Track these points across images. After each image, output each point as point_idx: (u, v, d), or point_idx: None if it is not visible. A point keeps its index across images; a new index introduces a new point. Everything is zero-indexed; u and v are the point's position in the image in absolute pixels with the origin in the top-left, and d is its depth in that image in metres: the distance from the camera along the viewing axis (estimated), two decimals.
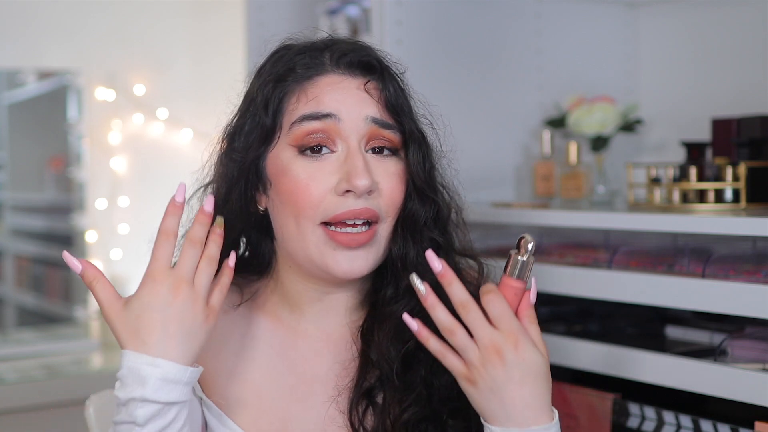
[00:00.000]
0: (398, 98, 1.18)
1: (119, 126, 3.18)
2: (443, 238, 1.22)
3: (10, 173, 3.21)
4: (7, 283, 3.23)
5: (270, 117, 1.17)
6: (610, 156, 2.03)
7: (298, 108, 1.16)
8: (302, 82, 1.17)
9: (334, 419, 1.20)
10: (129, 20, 3.19)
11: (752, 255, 1.47)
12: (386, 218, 1.17)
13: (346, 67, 1.18)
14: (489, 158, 2.04)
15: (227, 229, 1.17)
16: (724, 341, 1.47)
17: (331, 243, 1.14)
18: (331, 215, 1.14)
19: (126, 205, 3.19)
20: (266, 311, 1.26)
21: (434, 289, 1.09)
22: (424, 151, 1.19)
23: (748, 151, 1.66)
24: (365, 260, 1.16)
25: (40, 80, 3.20)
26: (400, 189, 1.17)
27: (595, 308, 1.80)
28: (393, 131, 1.17)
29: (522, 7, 2.07)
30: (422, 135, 1.20)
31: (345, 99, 1.16)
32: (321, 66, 1.18)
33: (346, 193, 1.13)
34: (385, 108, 1.17)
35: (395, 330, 1.17)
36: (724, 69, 2.05)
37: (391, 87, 1.18)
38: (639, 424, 1.52)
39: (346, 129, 1.15)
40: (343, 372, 1.21)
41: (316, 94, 1.16)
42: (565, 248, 1.72)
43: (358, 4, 2.25)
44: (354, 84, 1.17)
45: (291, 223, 1.16)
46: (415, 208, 1.19)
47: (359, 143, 1.15)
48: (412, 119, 1.20)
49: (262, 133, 1.18)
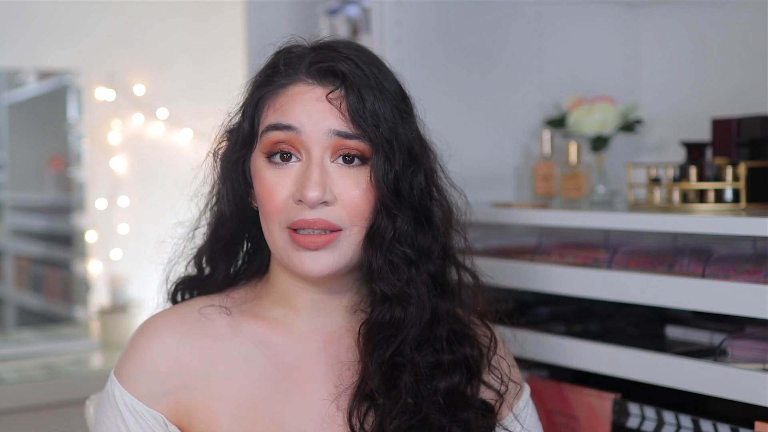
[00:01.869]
0: (362, 108, 1.16)
1: (119, 126, 3.18)
2: (422, 251, 1.21)
3: (10, 173, 3.21)
4: (7, 283, 3.23)
5: (248, 122, 1.22)
6: (610, 156, 2.02)
7: (267, 117, 1.19)
8: (276, 89, 1.20)
9: (332, 418, 1.20)
10: (129, 20, 3.19)
11: (752, 255, 1.47)
12: (351, 227, 1.17)
13: (315, 75, 1.18)
14: (489, 158, 2.04)
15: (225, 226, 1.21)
16: (724, 341, 1.47)
17: (294, 245, 1.17)
18: (291, 221, 1.16)
19: (126, 205, 3.19)
20: (254, 315, 1.26)
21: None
22: (388, 164, 1.17)
23: (748, 151, 1.66)
24: (328, 260, 1.17)
25: (40, 80, 3.20)
26: (365, 199, 1.17)
27: (595, 308, 1.80)
28: (359, 140, 1.16)
29: (522, 7, 2.07)
30: (391, 146, 1.17)
31: (309, 111, 1.16)
32: (294, 74, 1.19)
33: (300, 202, 1.15)
34: (346, 117, 1.16)
35: (374, 344, 1.19)
36: (724, 69, 2.05)
37: (355, 96, 1.16)
38: (639, 424, 1.52)
39: (309, 141, 1.16)
40: (347, 372, 1.22)
41: (283, 103, 1.18)
42: (565, 248, 1.72)
43: (358, 4, 2.25)
44: (319, 94, 1.17)
45: (264, 224, 1.20)
46: (380, 220, 1.18)
47: (323, 154, 1.16)
48: (384, 128, 1.17)
49: (242, 137, 1.22)
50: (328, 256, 1.17)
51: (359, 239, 1.18)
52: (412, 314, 1.19)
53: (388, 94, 1.19)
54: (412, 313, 1.19)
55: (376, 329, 1.19)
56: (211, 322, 1.25)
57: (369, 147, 1.17)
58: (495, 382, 1.26)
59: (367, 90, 1.17)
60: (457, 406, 1.21)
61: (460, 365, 1.23)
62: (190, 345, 1.22)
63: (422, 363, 1.20)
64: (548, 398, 1.68)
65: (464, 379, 1.23)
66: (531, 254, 1.73)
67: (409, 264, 1.20)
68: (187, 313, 1.26)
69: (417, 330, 1.20)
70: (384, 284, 1.19)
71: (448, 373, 1.21)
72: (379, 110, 1.17)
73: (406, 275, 1.19)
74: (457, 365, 1.22)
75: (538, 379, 1.69)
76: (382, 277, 1.19)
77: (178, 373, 1.21)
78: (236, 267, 1.31)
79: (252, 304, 1.27)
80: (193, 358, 1.22)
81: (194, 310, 1.26)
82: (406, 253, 1.19)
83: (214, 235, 1.28)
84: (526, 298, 1.76)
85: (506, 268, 1.70)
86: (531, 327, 1.68)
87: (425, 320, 1.21)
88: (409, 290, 1.19)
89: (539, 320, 1.78)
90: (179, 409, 1.20)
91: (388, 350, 1.18)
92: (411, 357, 1.19)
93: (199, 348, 1.22)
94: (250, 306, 1.27)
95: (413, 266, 1.20)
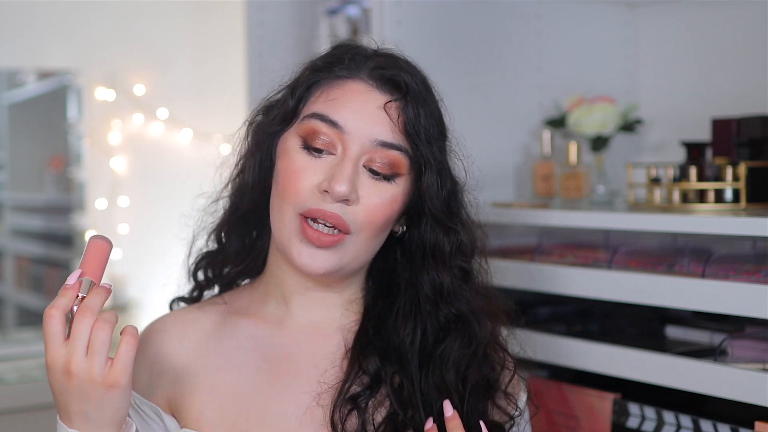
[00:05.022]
0: (418, 124, 1.18)
1: (119, 126, 3.18)
2: (461, 271, 1.23)
3: (10, 173, 3.21)
4: (7, 283, 3.23)
5: (294, 100, 1.21)
6: (610, 156, 2.02)
7: (317, 103, 1.19)
8: (333, 80, 1.20)
9: (313, 413, 1.20)
10: (129, 20, 3.19)
11: (752, 255, 1.47)
12: (358, 233, 1.18)
13: (377, 80, 1.19)
14: (489, 158, 2.04)
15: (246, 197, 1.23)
16: (724, 341, 1.47)
17: (300, 235, 1.17)
18: (307, 208, 1.16)
19: (126, 205, 3.20)
20: (247, 310, 1.28)
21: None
22: (441, 180, 1.20)
23: (748, 151, 1.66)
24: (326, 261, 1.18)
25: (40, 80, 3.20)
26: (384, 210, 1.18)
27: (595, 308, 1.80)
28: (401, 153, 1.18)
29: (522, 7, 2.07)
30: (441, 164, 1.21)
31: (360, 114, 1.17)
32: (357, 72, 1.20)
33: (324, 192, 1.16)
34: (401, 131, 1.18)
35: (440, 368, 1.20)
36: (724, 69, 2.05)
37: (413, 111, 1.18)
38: (639, 424, 1.52)
39: (350, 140, 1.17)
40: (332, 369, 1.22)
41: (337, 96, 1.18)
42: (565, 248, 1.72)
43: (358, 4, 2.25)
44: (377, 99, 1.18)
45: (277, 202, 1.20)
46: (436, 235, 1.21)
47: (360, 156, 1.17)
48: (435, 147, 1.20)
49: (283, 113, 1.22)
50: (327, 257, 1.17)
51: (363, 245, 1.19)
52: (486, 330, 1.22)
53: (436, 115, 1.22)
54: (486, 329, 1.22)
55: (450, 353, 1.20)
56: (206, 319, 1.28)
57: (407, 163, 1.18)
58: (510, 407, 1.26)
59: (423, 107, 1.19)
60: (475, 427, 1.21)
61: (484, 387, 1.23)
62: (185, 343, 1.26)
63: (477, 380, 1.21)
64: (548, 398, 1.68)
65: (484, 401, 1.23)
66: (531, 254, 1.73)
67: (466, 279, 1.22)
68: (186, 314, 1.30)
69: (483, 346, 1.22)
70: (459, 303, 1.21)
71: (481, 396, 1.22)
72: (431, 129, 1.20)
73: (469, 291, 1.22)
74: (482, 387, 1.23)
75: (538, 379, 1.69)
76: (456, 296, 1.21)
77: (173, 369, 1.24)
78: (249, 242, 1.32)
79: (248, 300, 1.29)
80: (186, 354, 1.25)
81: (194, 309, 1.31)
82: (462, 268, 1.22)
83: (233, 204, 1.29)
84: (526, 298, 1.76)
85: (506, 268, 1.70)
86: (531, 327, 1.68)
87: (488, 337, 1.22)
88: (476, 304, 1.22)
89: (539, 320, 1.78)
90: (171, 402, 1.24)
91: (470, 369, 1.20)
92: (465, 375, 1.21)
93: (194, 345, 1.26)
94: (245, 302, 1.29)
95: (468, 282, 1.23)
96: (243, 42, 2.58)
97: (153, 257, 2.75)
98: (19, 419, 2.51)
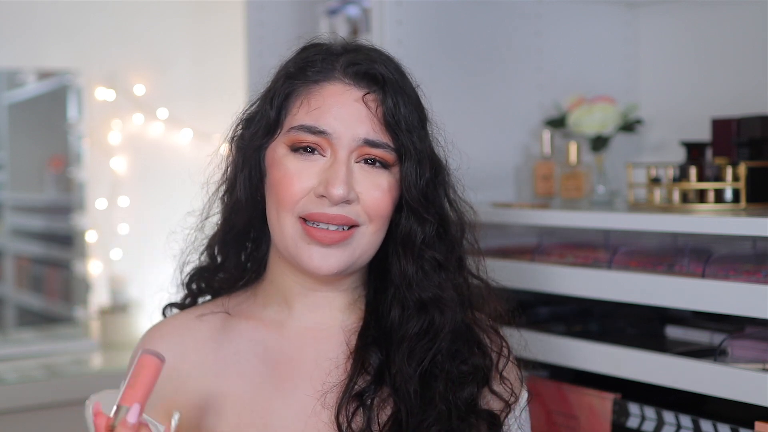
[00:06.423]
0: (397, 114, 1.18)
1: (119, 126, 3.18)
2: (445, 257, 1.23)
3: (10, 173, 3.21)
4: (7, 283, 3.23)
5: (274, 111, 1.21)
6: (610, 156, 2.02)
7: (299, 114, 1.19)
8: (309, 85, 1.20)
9: (318, 415, 1.20)
10: (129, 20, 3.19)
11: (752, 255, 1.47)
12: (367, 223, 1.18)
13: (352, 77, 1.19)
14: (489, 158, 2.04)
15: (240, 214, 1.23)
16: (724, 341, 1.47)
17: (306, 237, 1.17)
18: (307, 212, 1.17)
19: (126, 205, 3.19)
20: (248, 314, 1.28)
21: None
22: (420, 169, 1.20)
23: (748, 151, 1.66)
24: (338, 259, 1.18)
25: (40, 80, 3.20)
26: (384, 201, 1.19)
27: (595, 308, 1.80)
28: (385, 150, 1.18)
29: (522, 7, 2.07)
30: (421, 153, 1.20)
31: (343, 115, 1.17)
32: (331, 72, 1.20)
33: (321, 197, 1.16)
34: (381, 122, 1.18)
35: (410, 351, 1.19)
36: (724, 69, 2.05)
37: (392, 101, 1.18)
38: (639, 424, 1.52)
39: (338, 143, 1.17)
40: (335, 370, 1.22)
41: (319, 105, 1.18)
42: (565, 248, 1.72)
43: (358, 4, 2.25)
44: (355, 95, 1.18)
45: (274, 213, 1.19)
46: (410, 225, 1.21)
47: (349, 155, 1.17)
48: (415, 136, 1.19)
49: (266, 125, 1.21)
50: (339, 254, 1.18)
51: (373, 237, 1.20)
52: (449, 319, 1.21)
53: (414, 101, 1.22)
54: (449, 318, 1.21)
55: (415, 337, 1.20)
56: (206, 325, 1.27)
57: (393, 156, 1.19)
58: (505, 393, 1.26)
59: (401, 96, 1.19)
60: (468, 415, 1.21)
61: (475, 374, 1.23)
62: (185, 350, 1.26)
63: (454, 371, 1.21)
64: (548, 398, 1.68)
65: (477, 389, 1.23)
66: (531, 254, 1.73)
67: (439, 269, 1.22)
68: (185, 321, 1.29)
69: (450, 336, 1.21)
70: (421, 290, 1.20)
71: (468, 383, 1.22)
72: (410, 117, 1.19)
73: (438, 279, 1.21)
74: (473, 374, 1.23)
75: (538, 379, 1.69)
76: (419, 283, 1.20)
77: (176, 377, 1.24)
78: (246, 255, 1.32)
79: (248, 304, 1.29)
80: (187, 362, 1.25)
81: (192, 316, 1.30)
82: (435, 258, 1.21)
83: (227, 223, 1.29)
84: (526, 298, 1.76)
85: (506, 268, 1.69)
86: (531, 327, 1.68)
87: (458, 325, 1.22)
88: (443, 294, 1.21)
89: (539, 320, 1.78)
90: (174, 408, 1.22)
91: (427, 358, 1.19)
92: (442, 365, 1.20)
93: (194, 351, 1.25)
94: (246, 306, 1.29)
95: (442, 271, 1.22)
96: (243, 42, 2.58)
97: (153, 257, 2.75)
98: (19, 419, 2.51)
